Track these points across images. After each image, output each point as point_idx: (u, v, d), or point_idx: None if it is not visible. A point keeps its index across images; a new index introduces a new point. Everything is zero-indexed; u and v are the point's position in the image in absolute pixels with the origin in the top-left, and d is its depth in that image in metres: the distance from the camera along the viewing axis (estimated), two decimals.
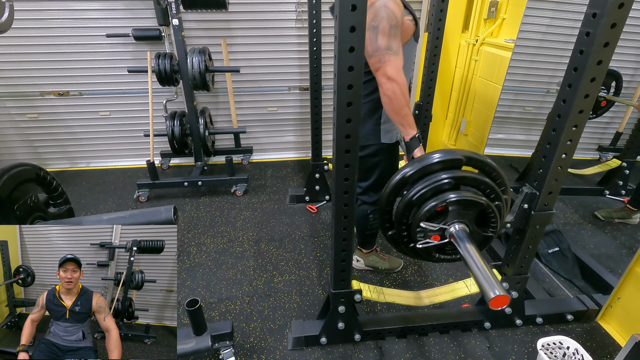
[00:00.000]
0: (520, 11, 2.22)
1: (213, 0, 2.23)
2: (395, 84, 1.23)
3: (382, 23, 1.19)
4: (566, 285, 1.80)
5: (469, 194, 1.00)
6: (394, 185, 1.08)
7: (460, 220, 1.02)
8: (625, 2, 0.94)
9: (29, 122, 2.89)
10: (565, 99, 1.10)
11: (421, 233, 1.05)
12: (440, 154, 1.04)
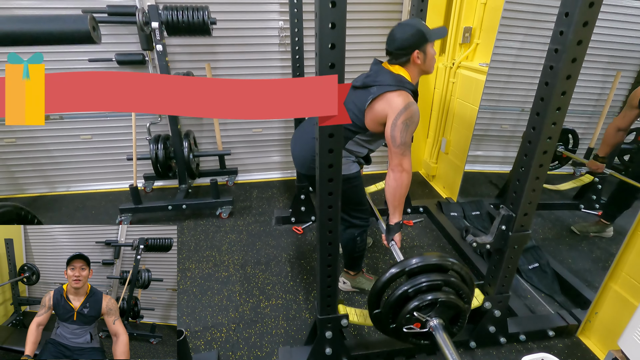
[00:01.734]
0: (492, 37, 2.35)
1: (197, 27, 2.26)
2: (407, 175, 1.48)
3: (412, 126, 1.43)
4: (547, 301, 1.85)
5: (455, 298, 1.20)
6: (388, 278, 1.22)
7: (440, 316, 1.21)
8: (583, 40, 1.01)
9: (6, 147, 2.82)
10: (534, 126, 1.17)
11: (408, 319, 1.21)
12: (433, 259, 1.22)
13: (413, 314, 1.19)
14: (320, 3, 0.86)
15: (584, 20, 0.98)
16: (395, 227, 1.55)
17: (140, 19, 2.21)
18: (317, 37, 0.92)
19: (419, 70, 1.53)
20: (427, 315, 1.20)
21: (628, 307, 1.41)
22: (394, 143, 1.43)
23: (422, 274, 1.20)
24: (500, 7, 2.26)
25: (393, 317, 1.25)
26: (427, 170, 3.23)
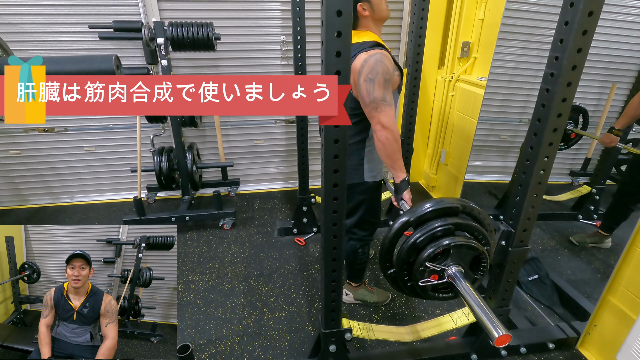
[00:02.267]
0: (490, 51, 2.40)
1: (201, 43, 2.31)
2: (389, 131, 1.35)
3: (378, 76, 1.30)
4: (547, 313, 1.88)
5: (470, 241, 1.09)
6: (397, 229, 1.15)
7: (458, 262, 1.10)
8: (582, 48, 1.05)
9: (11, 159, 2.85)
10: (532, 145, 1.20)
11: (422, 272, 1.11)
12: (440, 202, 1.13)
13: (426, 264, 1.09)
14: (327, 12, 0.89)
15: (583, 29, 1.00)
16: (402, 185, 1.46)
17: (146, 35, 2.25)
18: (323, 45, 0.94)
19: (373, 21, 1.44)
20: (443, 264, 1.10)
21: (626, 321, 1.44)
22: (364, 104, 1.35)
23: (431, 220, 1.11)
24: (497, 23, 2.32)
25: (408, 274, 1.15)
26: (427, 181, 3.26)
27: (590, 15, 1.00)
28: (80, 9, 2.48)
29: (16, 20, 2.45)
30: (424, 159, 3.31)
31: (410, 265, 1.13)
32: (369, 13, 1.41)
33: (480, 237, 1.13)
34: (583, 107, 2.56)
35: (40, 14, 2.46)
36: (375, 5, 1.40)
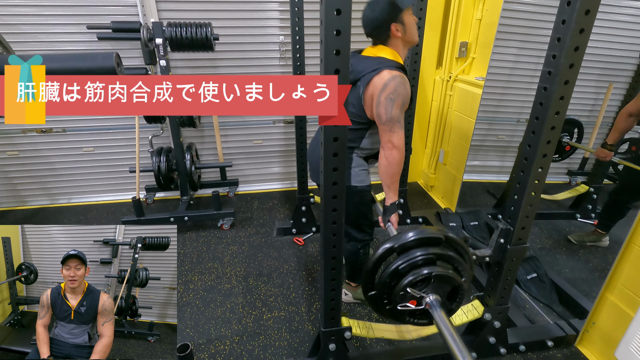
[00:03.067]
0: (488, 52, 2.41)
1: (200, 43, 2.31)
2: (398, 152, 1.41)
3: (398, 99, 1.36)
4: (545, 311, 1.88)
5: (450, 272, 1.14)
6: (380, 254, 1.17)
7: (436, 291, 1.15)
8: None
9: (9, 160, 2.84)
10: (530, 143, 1.21)
11: (402, 297, 1.15)
12: (425, 232, 1.16)
13: (407, 290, 1.12)
14: (326, 11, 0.89)
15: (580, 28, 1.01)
16: (391, 208, 1.50)
17: (144, 35, 2.25)
18: (322, 44, 0.95)
19: (402, 42, 1.46)
20: (423, 291, 1.13)
21: (624, 318, 1.45)
22: (379, 120, 1.39)
23: (415, 248, 1.14)
24: (495, 23, 2.33)
25: (388, 297, 1.19)
26: (426, 180, 3.27)
27: (587, 14, 1.01)
28: (78, 9, 2.48)
29: (15, 20, 2.44)
30: (422, 158, 3.32)
31: (391, 289, 1.17)
32: (401, 35, 1.44)
33: (460, 269, 1.17)
34: (578, 120, 2.60)
35: (38, 14, 2.46)
36: (408, 29, 1.44)
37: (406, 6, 1.40)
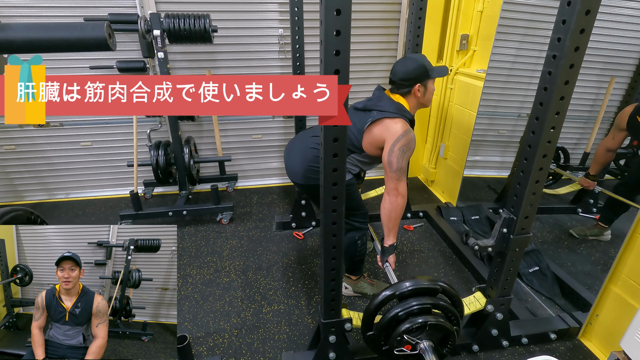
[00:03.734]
0: (489, 44, 2.39)
1: (198, 35, 2.29)
2: (402, 199, 1.53)
3: (408, 152, 1.50)
4: (548, 304, 1.86)
5: (444, 321, 1.25)
6: (380, 301, 1.27)
7: (430, 338, 1.25)
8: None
9: (6, 154, 2.82)
10: (534, 130, 1.19)
11: (399, 342, 1.25)
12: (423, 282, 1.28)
13: (404, 336, 1.23)
14: (326, 11, 0.88)
15: (581, 28, 1.01)
16: (389, 249, 1.61)
17: (142, 27, 2.23)
18: (322, 44, 0.94)
19: (417, 102, 1.61)
20: (417, 337, 1.25)
21: (629, 309, 1.43)
22: (390, 168, 1.50)
23: (413, 297, 1.26)
24: (496, 15, 2.31)
25: (385, 339, 1.30)
26: (426, 175, 3.25)
27: (588, 14, 0.99)
28: (75, 1, 2.46)
29: (10, 12, 2.42)
30: (422, 153, 3.30)
31: (389, 333, 1.28)
32: (420, 96, 1.59)
33: (452, 318, 1.28)
34: (562, 147, 2.68)
35: (34, 6, 2.43)
36: (427, 94, 1.60)
37: (434, 77, 1.59)
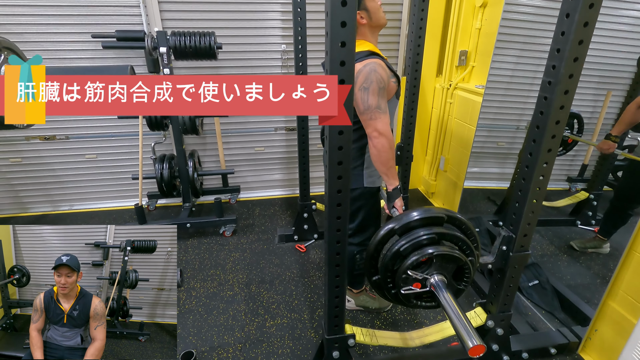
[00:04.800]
0: (487, 60, 2.44)
1: (203, 52, 2.34)
2: (385, 138, 1.38)
3: (372, 85, 1.34)
4: (547, 318, 1.88)
5: (453, 250, 1.11)
6: (382, 236, 1.16)
7: (440, 272, 1.12)
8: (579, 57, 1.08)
9: (12, 167, 2.86)
10: (531, 152, 1.23)
11: (405, 280, 1.12)
12: (426, 212, 1.15)
13: (408, 272, 1.10)
14: (332, 24, 0.90)
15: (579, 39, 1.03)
16: (394, 193, 1.50)
17: (148, 44, 2.28)
18: (327, 55, 0.96)
19: (369, 29, 1.48)
20: (426, 272, 1.11)
21: (627, 325, 1.45)
22: (358, 112, 1.38)
23: (416, 229, 1.12)
24: (494, 32, 2.36)
25: (392, 281, 1.16)
26: (427, 187, 3.28)
27: (586, 26, 1.03)
28: (83, 18, 2.51)
29: (20, 30, 2.47)
30: (423, 165, 3.34)
31: (394, 273, 1.14)
32: (367, 21, 1.45)
33: (465, 248, 1.14)
34: (578, 113, 2.60)
35: (43, 23, 2.49)
36: (372, 14, 1.44)
37: None
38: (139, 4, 2.51)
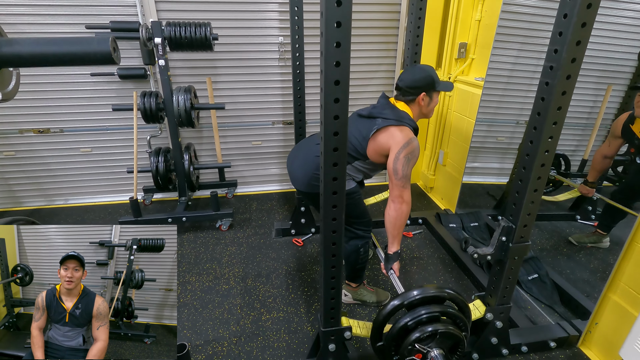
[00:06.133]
0: (487, 52, 2.41)
1: (199, 43, 2.31)
2: (407, 207, 1.53)
3: (413, 159, 1.51)
4: (547, 312, 1.86)
5: (454, 329, 1.25)
6: (389, 311, 1.28)
7: (440, 346, 1.25)
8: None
9: (5, 160, 2.82)
10: (532, 140, 1.20)
11: (410, 351, 1.25)
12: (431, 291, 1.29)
13: (415, 345, 1.23)
14: (326, 23, 0.90)
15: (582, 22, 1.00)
16: (393, 257, 1.59)
17: (143, 35, 2.25)
18: (322, 56, 0.95)
19: (420, 112, 1.63)
20: (428, 346, 1.24)
21: (628, 318, 1.43)
22: (396, 176, 1.49)
23: (422, 305, 1.26)
24: (494, 24, 2.33)
25: (395, 349, 1.29)
26: (425, 182, 3.26)
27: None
28: (77, 9, 2.47)
29: (13, 20, 2.43)
30: (421, 160, 3.31)
31: (399, 343, 1.28)
32: (423, 105, 1.61)
33: (461, 325, 1.28)
34: (563, 154, 2.71)
35: (37, 14, 2.45)
36: (431, 104, 1.63)
37: (440, 89, 1.61)
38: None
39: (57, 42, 0.58)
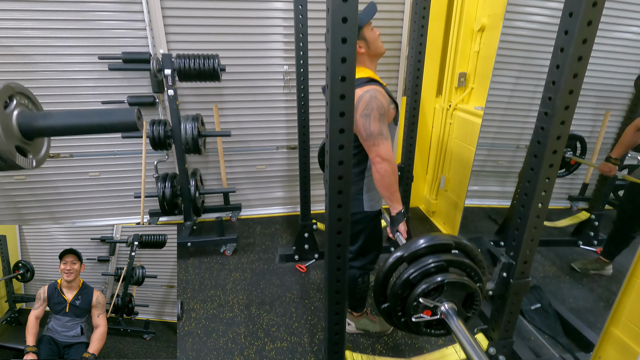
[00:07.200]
0: (486, 82, 2.48)
1: (207, 74, 2.39)
2: (387, 163, 1.40)
3: (373, 112, 1.38)
4: (550, 343, 1.86)
5: (463, 278, 1.10)
6: (391, 264, 1.15)
7: (451, 299, 1.11)
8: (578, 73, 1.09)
9: (15, 184, 2.88)
10: (529, 179, 1.24)
11: (416, 308, 1.12)
12: (434, 239, 1.15)
13: (419, 300, 1.09)
14: (333, 19, 0.90)
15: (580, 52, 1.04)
16: (398, 217, 1.50)
17: (154, 66, 2.33)
18: (328, 88, 0.98)
19: (368, 58, 1.51)
20: (437, 300, 1.10)
21: (631, 353, 1.43)
22: (361, 138, 1.42)
23: (424, 256, 1.12)
24: (492, 55, 2.41)
25: (402, 309, 1.16)
26: (427, 206, 3.29)
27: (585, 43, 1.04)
28: (90, 40, 2.57)
29: (27, 51, 2.53)
30: (423, 184, 3.35)
31: (404, 301, 1.14)
32: (365, 50, 1.49)
33: (473, 274, 1.14)
34: (580, 135, 2.62)
35: (51, 45, 2.55)
36: (371, 43, 1.48)
37: (364, 22, 1.43)
38: (145, 27, 2.57)
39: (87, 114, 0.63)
